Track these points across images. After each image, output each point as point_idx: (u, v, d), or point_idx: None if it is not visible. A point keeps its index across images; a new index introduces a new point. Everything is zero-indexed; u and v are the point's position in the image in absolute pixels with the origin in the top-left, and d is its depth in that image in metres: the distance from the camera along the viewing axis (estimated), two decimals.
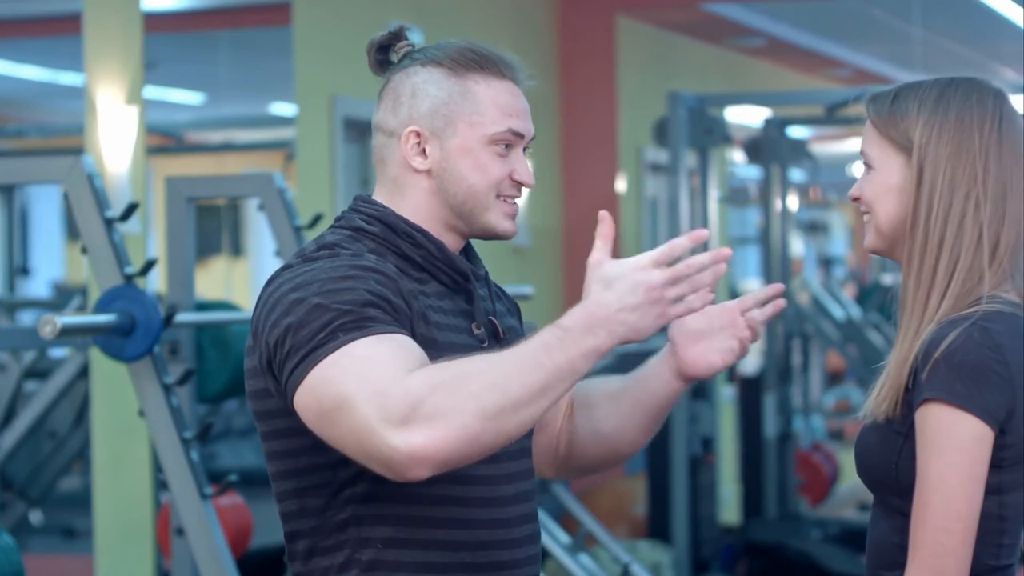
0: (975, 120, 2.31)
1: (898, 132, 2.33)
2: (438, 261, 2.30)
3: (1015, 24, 9.79)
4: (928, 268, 2.29)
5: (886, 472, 2.28)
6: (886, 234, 2.35)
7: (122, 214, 3.95)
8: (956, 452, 2.20)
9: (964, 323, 2.23)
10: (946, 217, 2.29)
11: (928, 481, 2.21)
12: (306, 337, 2.12)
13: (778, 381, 8.48)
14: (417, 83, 2.32)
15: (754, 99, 9.93)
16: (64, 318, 3.78)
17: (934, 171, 2.30)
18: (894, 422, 2.27)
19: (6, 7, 6.53)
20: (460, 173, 2.30)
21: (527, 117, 2.35)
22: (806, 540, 7.99)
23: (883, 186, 2.34)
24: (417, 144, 2.31)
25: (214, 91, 7.58)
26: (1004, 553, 2.28)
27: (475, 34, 7.89)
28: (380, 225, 2.30)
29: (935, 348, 2.22)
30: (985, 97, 2.33)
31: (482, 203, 2.31)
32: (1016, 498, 2.27)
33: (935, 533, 2.20)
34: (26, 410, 6.01)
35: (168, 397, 4.00)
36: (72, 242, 7.33)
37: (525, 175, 2.34)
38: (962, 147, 2.30)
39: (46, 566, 6.22)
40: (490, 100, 2.31)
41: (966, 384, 2.20)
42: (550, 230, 8.70)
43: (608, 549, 5.73)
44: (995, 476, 2.24)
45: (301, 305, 2.14)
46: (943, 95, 2.33)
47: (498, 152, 2.31)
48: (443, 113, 2.30)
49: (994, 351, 2.22)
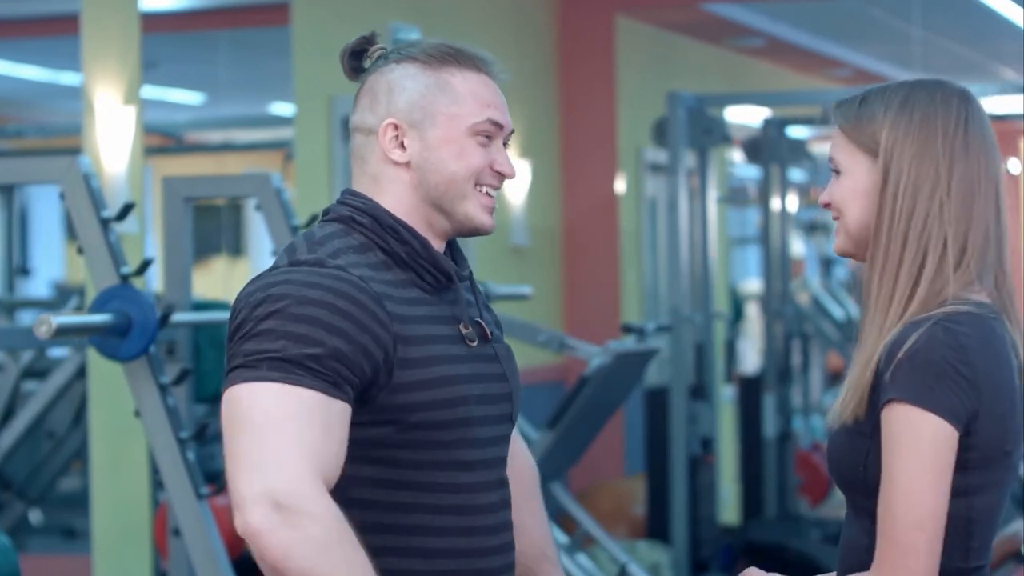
0: (939, 121, 2.30)
1: (865, 136, 2.33)
2: (422, 259, 2.30)
3: (1015, 24, 9.79)
4: (891, 269, 2.29)
5: (854, 473, 2.28)
6: (855, 237, 2.35)
7: (118, 214, 3.95)
8: (920, 452, 2.19)
9: (927, 323, 2.23)
10: (910, 218, 2.28)
11: (893, 481, 2.20)
12: (243, 351, 2.16)
13: (778, 381, 8.48)
14: (393, 79, 2.33)
15: (754, 99, 9.93)
16: (59, 318, 3.78)
17: (898, 172, 2.29)
18: (861, 423, 2.27)
19: (6, 7, 6.52)
20: (442, 162, 2.31)
21: (505, 110, 2.37)
22: (806, 540, 7.98)
23: (852, 190, 2.34)
24: (395, 137, 2.32)
25: (214, 91, 7.58)
26: (973, 556, 2.27)
27: (475, 34, 7.89)
28: (369, 218, 2.30)
29: (898, 348, 2.22)
30: (950, 98, 2.32)
31: (461, 191, 2.31)
32: (984, 500, 2.26)
33: (902, 532, 2.19)
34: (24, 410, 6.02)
35: (164, 397, 4.00)
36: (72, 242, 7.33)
37: (506, 165, 2.35)
38: (926, 148, 2.29)
39: (46, 566, 6.22)
40: (468, 92, 2.32)
41: (929, 384, 2.20)
42: (550, 230, 8.70)
43: (606, 549, 5.73)
44: (962, 478, 2.23)
45: (261, 322, 2.17)
46: (908, 97, 2.32)
47: (479, 143, 2.33)
48: (421, 105, 2.31)
49: (957, 351, 2.21)
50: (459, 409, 2.26)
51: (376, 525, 2.23)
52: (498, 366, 2.36)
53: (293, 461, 2.09)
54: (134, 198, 5.44)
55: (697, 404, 7.52)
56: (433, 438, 2.24)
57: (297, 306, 2.17)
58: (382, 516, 2.23)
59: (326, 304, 2.17)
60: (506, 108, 2.37)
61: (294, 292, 2.18)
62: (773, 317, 8.56)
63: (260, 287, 2.21)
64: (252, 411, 2.13)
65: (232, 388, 2.16)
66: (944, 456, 2.20)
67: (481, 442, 2.30)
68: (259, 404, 2.13)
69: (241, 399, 2.15)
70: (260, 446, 2.10)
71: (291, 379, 2.13)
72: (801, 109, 9.57)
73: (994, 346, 2.25)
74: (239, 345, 2.18)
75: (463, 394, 2.26)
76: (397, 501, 2.23)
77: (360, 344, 2.17)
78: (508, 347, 2.42)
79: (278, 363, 2.13)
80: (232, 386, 2.16)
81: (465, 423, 2.27)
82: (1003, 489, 2.29)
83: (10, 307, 7.37)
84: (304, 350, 2.14)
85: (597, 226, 8.84)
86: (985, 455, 2.24)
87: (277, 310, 2.17)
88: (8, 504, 6.33)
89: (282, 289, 2.19)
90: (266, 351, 2.14)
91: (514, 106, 6.31)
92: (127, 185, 5.52)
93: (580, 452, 5.64)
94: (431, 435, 2.24)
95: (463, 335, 2.31)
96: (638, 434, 8.41)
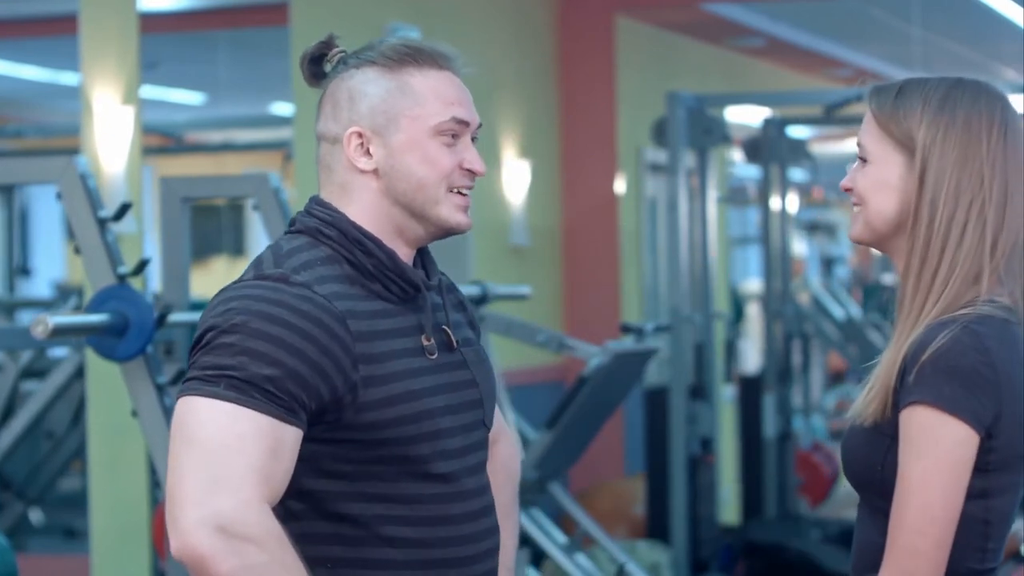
0: (983, 125, 2.27)
1: (900, 129, 2.29)
2: (388, 271, 2.27)
3: (1015, 24, 9.78)
4: (928, 273, 2.26)
5: (871, 473, 2.27)
6: (875, 229, 2.32)
7: (115, 214, 3.95)
8: (939, 456, 2.18)
9: (953, 325, 2.21)
10: (950, 223, 2.26)
11: (909, 483, 2.19)
12: (202, 363, 2.15)
13: (778, 381, 8.48)
14: (353, 86, 2.29)
15: (753, 99, 9.92)
16: (56, 318, 3.78)
17: (938, 176, 2.26)
18: (881, 424, 2.25)
19: (6, 7, 6.53)
20: (408, 168, 2.27)
21: (470, 105, 2.32)
22: (806, 540, 7.97)
23: (879, 181, 2.31)
24: (360, 145, 2.28)
25: (214, 91, 7.58)
26: (988, 557, 2.27)
27: (475, 34, 7.89)
28: (335, 231, 2.27)
29: (923, 351, 2.20)
30: (993, 101, 2.29)
31: (432, 196, 2.28)
32: (1002, 503, 2.26)
33: (910, 535, 2.19)
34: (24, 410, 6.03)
35: (161, 397, 4.00)
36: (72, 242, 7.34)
37: (475, 162, 2.30)
38: (968, 153, 2.26)
39: (47, 566, 6.22)
40: (429, 91, 2.28)
41: (953, 388, 2.18)
42: (549, 230, 8.70)
43: (605, 549, 5.72)
44: (981, 480, 2.22)
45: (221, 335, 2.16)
46: (949, 95, 2.29)
47: (445, 143, 2.28)
48: (383, 110, 2.27)
49: (982, 354, 2.20)
50: (424, 424, 2.24)
51: (351, 537, 2.23)
52: (467, 372, 2.34)
53: (240, 485, 2.08)
54: (133, 198, 5.44)
55: (697, 404, 7.52)
56: (403, 453, 2.23)
57: (259, 322, 2.15)
58: (355, 529, 2.22)
59: (288, 324, 2.15)
60: (471, 103, 2.32)
61: (255, 307, 2.16)
62: (773, 317, 8.56)
63: (224, 300, 2.20)
64: (204, 428, 2.11)
65: (186, 399, 2.14)
66: (963, 462, 2.19)
67: (452, 452, 2.28)
68: (212, 421, 2.11)
69: (194, 412, 2.13)
70: (208, 466, 2.09)
71: (246, 401, 2.12)
72: (801, 109, 9.57)
73: (1014, 350, 2.25)
74: (200, 356, 2.17)
75: (427, 407, 2.24)
76: (371, 514, 2.22)
77: (319, 367, 2.16)
78: (479, 350, 2.39)
79: (236, 383, 2.12)
80: (186, 396, 2.14)
81: (433, 436, 2.24)
82: (1019, 492, 2.29)
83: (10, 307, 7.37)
84: (263, 371, 2.13)
85: (597, 226, 8.84)
86: (1004, 458, 2.24)
87: (237, 324, 2.15)
88: (7, 504, 6.33)
89: (244, 304, 2.17)
90: (226, 367, 2.13)
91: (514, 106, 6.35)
92: (125, 185, 5.52)
93: (579, 452, 5.64)
94: (401, 450, 2.23)
95: (424, 348, 2.28)
96: (638, 434, 8.41)
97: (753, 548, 7.95)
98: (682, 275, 7.49)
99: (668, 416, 7.39)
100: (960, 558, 2.23)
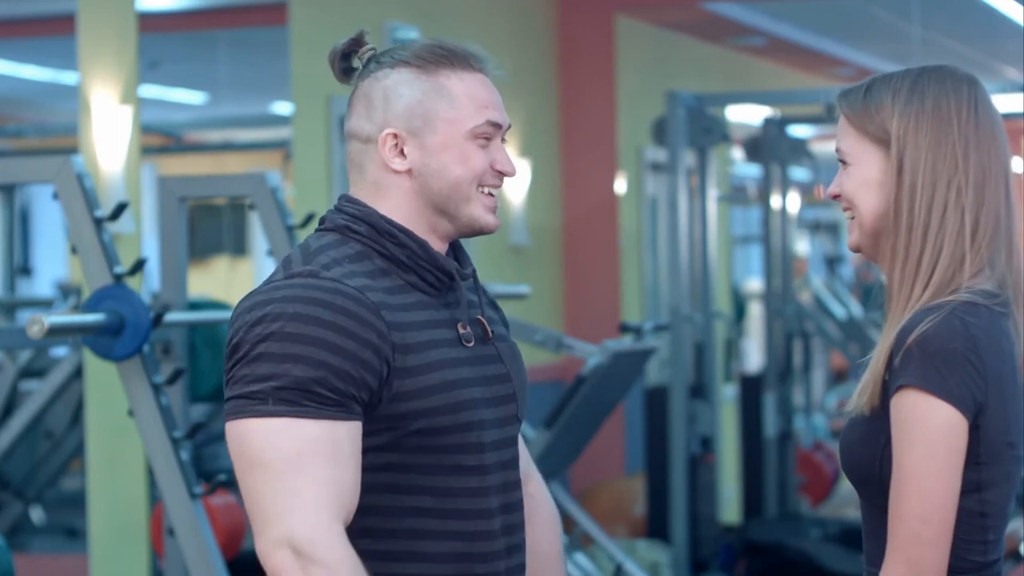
0: (952, 107, 2.29)
1: (874, 124, 2.31)
2: (422, 260, 2.28)
3: (1015, 23, 9.78)
4: (913, 259, 2.27)
5: (869, 470, 2.27)
6: (870, 230, 2.33)
7: (111, 213, 3.95)
8: (931, 442, 2.18)
9: (940, 311, 2.22)
10: (929, 207, 2.27)
11: (904, 470, 2.19)
12: (244, 376, 2.15)
13: (779, 380, 8.47)
14: (388, 86, 2.31)
15: (753, 98, 9.92)
16: (51, 318, 3.79)
17: (915, 162, 2.28)
18: (877, 416, 2.25)
19: (5, 7, 6.53)
20: (444, 168, 2.29)
21: (502, 107, 2.35)
22: (806, 540, 7.97)
23: (863, 180, 2.32)
24: (395, 146, 2.30)
25: (214, 91, 7.58)
26: (990, 549, 2.27)
27: (474, 33, 7.89)
28: (365, 225, 2.29)
29: (908, 334, 2.21)
30: (960, 83, 2.31)
31: (464, 194, 2.30)
32: (995, 494, 2.25)
33: (912, 522, 2.19)
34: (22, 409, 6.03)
35: (158, 397, 4.00)
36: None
37: (507, 164, 2.34)
38: (941, 135, 2.28)
39: (46, 565, 6.22)
40: (465, 94, 2.31)
41: (940, 371, 2.18)
42: (549, 230, 8.70)
43: (604, 548, 5.72)
44: (974, 473, 2.22)
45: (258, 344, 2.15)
46: (916, 84, 2.31)
47: (479, 144, 2.31)
48: (419, 113, 2.29)
49: (969, 341, 2.20)
50: (462, 414, 2.24)
51: (379, 530, 2.23)
52: (501, 366, 2.35)
53: (311, 506, 2.10)
54: (131, 198, 5.44)
55: (697, 403, 7.52)
56: (435, 443, 2.23)
57: (294, 324, 2.15)
58: (384, 521, 2.23)
59: (324, 322, 2.15)
60: (502, 105, 2.35)
61: (289, 309, 2.16)
62: (774, 316, 8.55)
63: (255, 303, 2.20)
64: (264, 451, 2.12)
65: (239, 423, 2.14)
66: (955, 444, 2.19)
67: (486, 446, 2.28)
68: (271, 443, 2.12)
69: (249, 436, 2.14)
70: (276, 489, 2.11)
71: (299, 412, 2.12)
72: (801, 108, 9.56)
73: (998, 340, 2.25)
74: (240, 369, 2.16)
75: (467, 398, 2.25)
76: (400, 506, 2.23)
77: (362, 360, 2.16)
78: (512, 345, 2.41)
79: (284, 393, 2.12)
80: (239, 420, 2.15)
81: (467, 427, 2.25)
82: (1012, 482, 2.29)
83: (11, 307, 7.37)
84: (308, 374, 2.13)
85: (597, 225, 8.84)
86: (993, 449, 2.24)
87: (273, 332, 2.15)
88: (6, 503, 6.33)
89: (278, 307, 2.17)
90: (269, 378, 2.13)
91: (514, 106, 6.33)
92: (123, 185, 5.52)
93: (578, 451, 5.64)
94: (433, 440, 2.23)
95: (460, 336, 2.29)
96: (638, 433, 8.41)
97: (753, 548, 7.95)
98: (682, 274, 7.49)
99: (668, 415, 7.39)
100: (963, 553, 2.23)
